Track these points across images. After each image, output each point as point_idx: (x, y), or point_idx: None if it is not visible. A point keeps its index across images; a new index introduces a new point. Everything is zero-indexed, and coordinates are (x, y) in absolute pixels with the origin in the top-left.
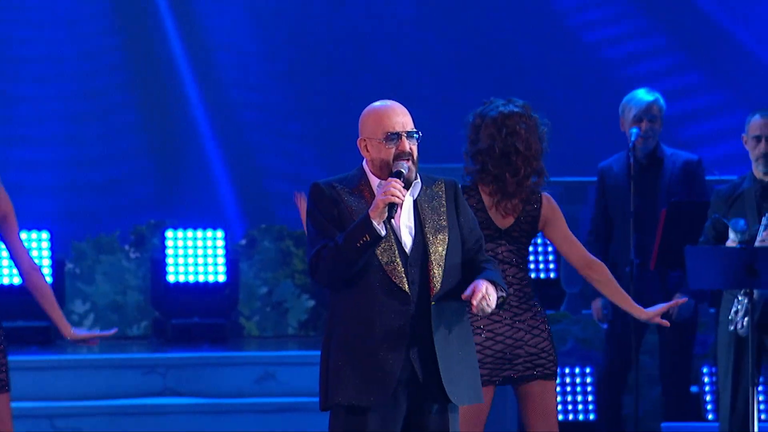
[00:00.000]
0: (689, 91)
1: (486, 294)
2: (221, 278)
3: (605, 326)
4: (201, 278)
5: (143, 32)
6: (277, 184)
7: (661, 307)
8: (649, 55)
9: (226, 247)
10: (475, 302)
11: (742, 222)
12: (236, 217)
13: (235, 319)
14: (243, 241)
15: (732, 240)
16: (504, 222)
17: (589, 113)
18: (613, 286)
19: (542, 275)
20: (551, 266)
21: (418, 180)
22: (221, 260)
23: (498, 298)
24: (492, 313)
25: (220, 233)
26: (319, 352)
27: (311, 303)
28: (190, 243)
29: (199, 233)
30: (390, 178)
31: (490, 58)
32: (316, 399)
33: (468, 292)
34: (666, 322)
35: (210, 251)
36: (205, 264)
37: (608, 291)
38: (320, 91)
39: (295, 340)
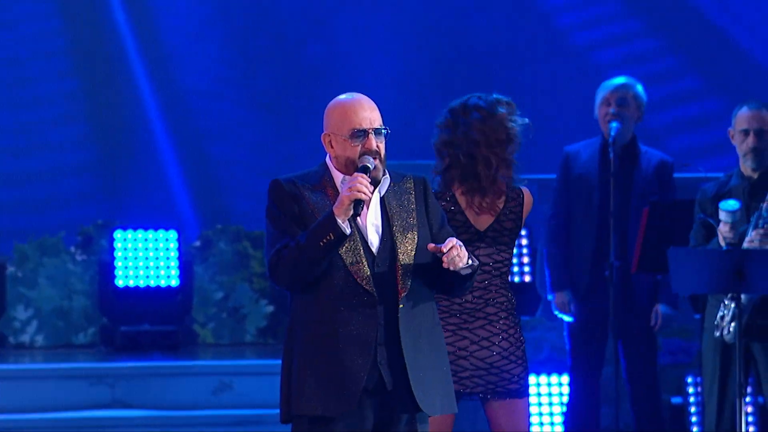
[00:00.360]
0: (679, 90)
1: (457, 245)
2: (174, 282)
3: (572, 320)
4: (152, 282)
5: (89, 15)
6: (233, 182)
7: None
8: (638, 55)
9: (179, 248)
10: (445, 249)
11: (732, 201)
12: (190, 217)
13: (189, 326)
14: (197, 243)
15: (724, 222)
16: (481, 222)
17: (567, 111)
18: None
19: (516, 279)
20: (526, 269)
21: (387, 176)
22: (174, 263)
23: (470, 260)
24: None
25: (172, 234)
26: (279, 361)
27: (270, 308)
28: (140, 244)
29: (151, 234)
30: (356, 174)
31: (464, 53)
32: (277, 411)
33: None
34: None
35: (162, 253)
36: (157, 267)
37: None
38: (281, 86)
39: (253, 348)
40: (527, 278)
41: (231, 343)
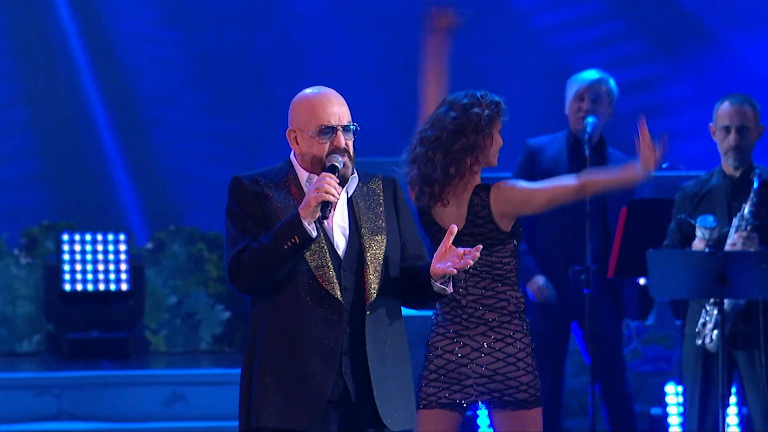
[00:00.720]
0: (651, 79)
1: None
2: (124, 287)
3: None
4: (101, 287)
5: (34, 17)
6: (187, 180)
7: None
8: (602, 40)
9: (129, 251)
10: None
11: (711, 218)
12: (141, 218)
13: (141, 333)
14: (149, 245)
15: (699, 239)
16: (445, 218)
17: (541, 108)
18: (604, 176)
19: None
20: None
21: (355, 175)
22: (124, 266)
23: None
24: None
25: (122, 236)
26: (236, 370)
27: (227, 314)
28: (88, 247)
29: (99, 236)
30: (323, 173)
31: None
32: (233, 423)
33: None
34: None
35: (111, 256)
36: (106, 271)
37: (605, 183)
38: (231, 83)
39: (208, 356)
40: None
41: (185, 351)
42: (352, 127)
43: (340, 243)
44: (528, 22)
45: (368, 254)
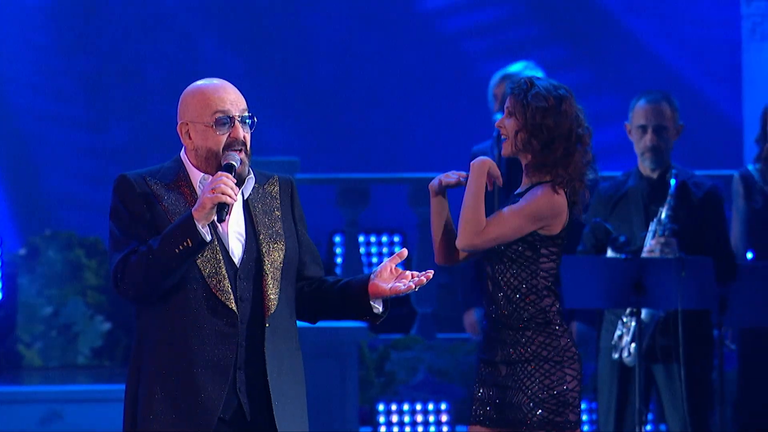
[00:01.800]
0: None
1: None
2: None
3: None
4: None
5: None
6: (64, 182)
7: None
8: (521, 44)
9: (0, 258)
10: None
11: (622, 238)
12: (12, 222)
13: (13, 346)
14: (22, 251)
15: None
16: None
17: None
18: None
19: None
20: None
21: (252, 175)
22: None
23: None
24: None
25: None
26: (116, 386)
27: (107, 326)
28: None
29: None
30: (220, 173)
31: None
32: None
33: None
34: None
35: None
36: None
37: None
38: (100, 80)
39: (87, 371)
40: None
41: (61, 366)
42: (249, 121)
43: (236, 249)
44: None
45: (267, 262)
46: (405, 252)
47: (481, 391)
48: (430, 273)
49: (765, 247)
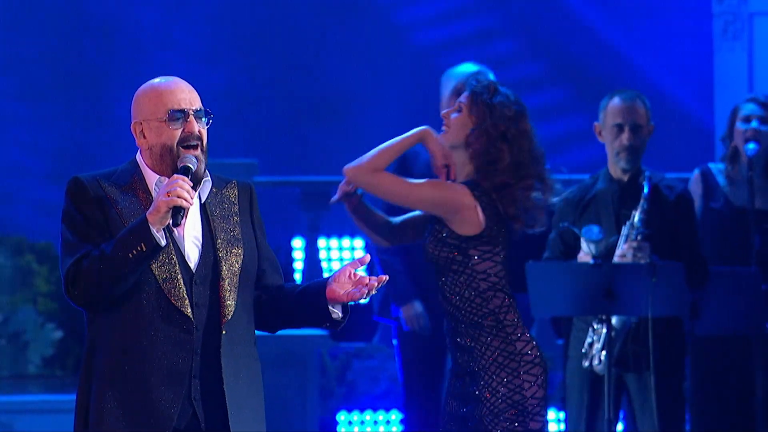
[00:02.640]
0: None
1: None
2: None
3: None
4: None
5: None
6: (13, 186)
7: None
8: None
9: None
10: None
11: (596, 229)
12: None
13: None
14: None
15: (585, 253)
16: None
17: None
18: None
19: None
20: None
21: (208, 178)
22: None
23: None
24: None
25: None
26: (68, 396)
27: (59, 334)
28: None
29: None
30: (175, 176)
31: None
32: None
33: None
34: None
35: None
36: None
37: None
38: (63, 81)
39: (37, 381)
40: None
41: (11, 376)
42: (204, 118)
43: (192, 254)
44: (393, 18)
45: (224, 267)
46: (368, 257)
47: (449, 403)
48: (384, 277)
49: (722, 249)
